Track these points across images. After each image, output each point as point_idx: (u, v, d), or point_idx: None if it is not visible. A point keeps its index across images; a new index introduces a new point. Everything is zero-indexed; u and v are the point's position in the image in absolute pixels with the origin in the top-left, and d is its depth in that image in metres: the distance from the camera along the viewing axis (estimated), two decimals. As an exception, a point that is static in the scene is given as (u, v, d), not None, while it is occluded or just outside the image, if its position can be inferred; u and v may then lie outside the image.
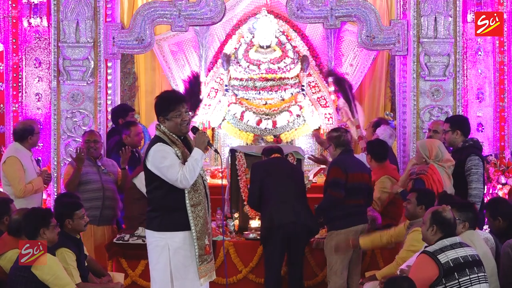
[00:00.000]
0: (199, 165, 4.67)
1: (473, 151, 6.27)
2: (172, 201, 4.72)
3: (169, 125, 4.78)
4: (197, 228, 4.70)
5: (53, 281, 4.66)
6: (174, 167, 4.65)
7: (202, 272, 4.73)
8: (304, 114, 9.03)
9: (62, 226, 5.17)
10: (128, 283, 6.35)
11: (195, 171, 4.65)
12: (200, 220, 4.72)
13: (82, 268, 5.28)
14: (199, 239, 4.70)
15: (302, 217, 6.09)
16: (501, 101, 8.66)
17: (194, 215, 4.71)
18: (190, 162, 4.65)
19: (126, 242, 6.44)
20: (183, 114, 4.78)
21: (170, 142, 4.73)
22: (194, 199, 4.72)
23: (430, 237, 4.52)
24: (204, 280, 4.74)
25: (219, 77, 9.25)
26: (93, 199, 6.60)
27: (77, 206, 5.39)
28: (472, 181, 6.12)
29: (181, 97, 4.95)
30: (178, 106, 4.78)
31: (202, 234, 4.72)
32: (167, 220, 4.75)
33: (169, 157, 4.67)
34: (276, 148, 6.72)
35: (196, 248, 4.69)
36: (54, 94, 7.40)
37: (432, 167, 6.02)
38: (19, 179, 6.56)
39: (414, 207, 5.52)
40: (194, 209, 4.71)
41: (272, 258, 6.14)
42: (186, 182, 4.64)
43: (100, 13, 7.35)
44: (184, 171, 4.63)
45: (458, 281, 4.30)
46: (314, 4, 7.39)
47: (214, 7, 7.40)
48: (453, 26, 7.33)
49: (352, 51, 9.30)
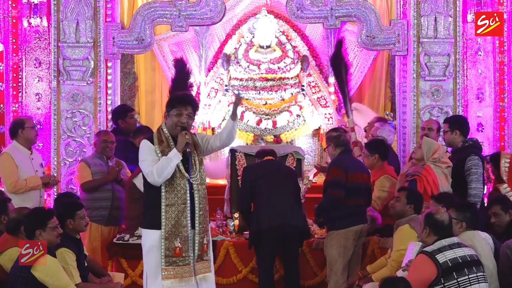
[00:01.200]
0: (170, 164, 4.69)
1: (473, 151, 6.26)
2: (150, 199, 4.81)
3: (168, 122, 4.85)
4: (166, 228, 4.73)
5: (52, 282, 4.66)
6: (146, 162, 4.75)
7: (169, 274, 4.72)
8: (304, 114, 9.03)
9: (63, 226, 5.15)
10: (128, 283, 6.35)
11: (164, 169, 4.68)
12: (171, 221, 4.73)
13: (82, 268, 5.28)
14: (167, 240, 4.72)
15: (291, 219, 6.04)
16: (501, 101, 8.65)
17: (167, 215, 4.73)
18: (162, 160, 4.71)
19: (126, 242, 6.45)
20: (182, 115, 4.80)
21: (157, 140, 4.80)
22: (169, 199, 4.75)
23: (425, 239, 4.54)
24: (171, 282, 4.71)
25: (219, 77, 9.25)
26: (103, 199, 6.63)
27: (78, 206, 5.39)
28: (471, 181, 6.11)
29: (188, 99, 4.93)
30: (180, 106, 4.81)
31: (171, 235, 4.72)
32: (146, 217, 4.86)
33: (146, 153, 4.78)
34: (269, 151, 6.70)
35: (162, 248, 4.72)
36: (54, 94, 7.41)
37: (427, 168, 6.02)
38: (10, 174, 6.51)
39: (403, 205, 5.53)
40: (168, 209, 4.74)
41: (263, 261, 6.14)
42: (153, 177, 4.70)
43: (100, 13, 7.36)
44: (154, 167, 4.70)
45: (457, 281, 4.31)
46: (314, 4, 7.39)
47: (214, 7, 7.41)
48: (453, 26, 7.33)
49: (352, 51, 9.29)
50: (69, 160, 7.33)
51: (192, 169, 4.80)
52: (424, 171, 6.02)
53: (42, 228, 4.84)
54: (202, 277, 4.84)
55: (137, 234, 6.50)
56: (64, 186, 7.31)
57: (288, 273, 6.20)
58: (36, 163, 6.75)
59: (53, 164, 7.41)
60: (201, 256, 4.83)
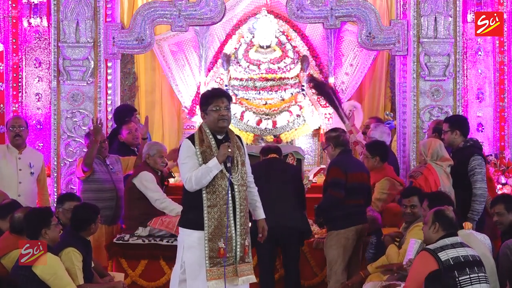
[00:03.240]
0: (210, 174, 4.66)
1: (475, 151, 6.27)
2: (191, 199, 4.77)
3: (208, 121, 4.81)
4: (209, 230, 4.69)
5: (53, 281, 4.67)
6: (186, 167, 4.73)
7: (213, 274, 4.68)
8: (304, 114, 9.02)
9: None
10: (128, 283, 6.35)
11: (203, 178, 4.66)
12: (214, 222, 4.69)
13: (88, 269, 5.26)
14: (210, 241, 4.68)
15: (288, 221, 6.03)
16: (501, 101, 8.65)
17: (210, 216, 4.70)
18: (202, 169, 4.68)
19: (126, 242, 6.45)
20: (221, 109, 4.75)
21: (198, 140, 4.76)
22: (211, 200, 4.71)
23: (433, 235, 4.53)
24: (216, 283, 4.68)
25: (219, 77, 9.25)
26: (107, 199, 6.64)
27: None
28: (476, 181, 6.10)
29: (221, 92, 4.92)
30: (217, 100, 4.76)
31: (215, 236, 4.68)
32: (186, 217, 4.84)
33: (186, 155, 4.75)
34: (274, 148, 6.68)
35: (206, 249, 4.68)
36: (54, 94, 7.41)
37: (429, 167, 6.03)
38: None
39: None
40: (210, 210, 4.70)
41: (263, 261, 6.14)
42: (190, 185, 4.69)
43: (100, 13, 7.35)
44: (192, 174, 4.68)
45: (458, 280, 4.30)
46: (314, 4, 7.39)
47: (214, 7, 7.40)
48: (453, 26, 7.33)
49: (352, 51, 9.29)
50: (69, 160, 7.32)
51: (234, 169, 4.76)
52: (425, 170, 6.03)
53: (47, 226, 4.85)
54: (246, 279, 4.82)
55: (137, 234, 6.51)
56: (64, 186, 7.30)
57: (289, 273, 6.20)
58: (24, 162, 6.75)
59: (53, 164, 7.40)
60: (243, 258, 4.80)
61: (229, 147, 4.70)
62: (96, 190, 6.59)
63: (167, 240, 6.41)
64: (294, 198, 6.22)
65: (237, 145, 4.86)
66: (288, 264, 6.19)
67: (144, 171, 6.55)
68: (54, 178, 7.34)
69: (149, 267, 6.50)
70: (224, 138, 4.81)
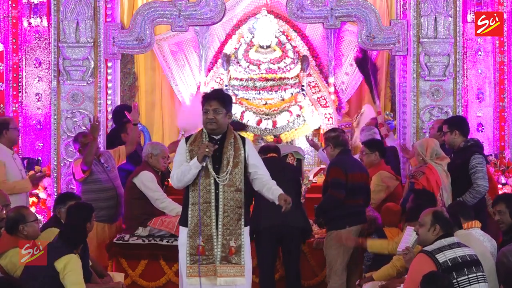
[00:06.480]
0: (190, 172, 4.75)
1: (477, 150, 6.28)
2: (184, 197, 4.92)
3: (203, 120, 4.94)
4: (190, 227, 4.80)
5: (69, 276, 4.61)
6: (175, 164, 4.90)
7: (193, 272, 4.74)
8: (304, 114, 9.02)
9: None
10: (128, 283, 6.35)
11: (184, 176, 4.77)
12: (194, 220, 4.77)
13: (86, 269, 5.25)
14: (191, 238, 4.78)
15: (290, 220, 5.97)
16: (501, 101, 8.66)
17: (192, 213, 4.80)
18: (183, 167, 4.79)
19: (126, 242, 6.45)
20: (209, 112, 4.82)
21: (192, 139, 4.90)
22: (193, 197, 4.81)
23: (431, 237, 4.53)
24: (195, 280, 4.72)
25: (219, 77, 9.25)
26: (108, 198, 6.65)
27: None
28: (477, 178, 6.09)
29: (211, 95, 4.95)
30: (206, 103, 4.85)
31: (194, 233, 4.76)
32: (181, 215, 4.98)
33: (178, 152, 4.92)
34: (273, 147, 6.68)
35: (187, 246, 4.78)
36: (54, 94, 7.41)
37: (430, 167, 6.04)
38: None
39: None
40: (193, 208, 4.80)
41: (262, 260, 6.13)
42: (173, 182, 4.86)
43: (100, 13, 7.36)
44: (176, 172, 4.82)
45: (457, 281, 4.30)
46: (314, 4, 7.39)
47: (214, 7, 7.41)
48: (453, 26, 7.33)
49: (352, 51, 9.29)
50: (69, 160, 7.31)
51: (222, 169, 4.80)
52: (427, 169, 6.04)
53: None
54: (231, 280, 4.80)
55: (137, 234, 6.51)
56: (64, 186, 7.30)
57: (289, 273, 6.19)
58: (19, 162, 6.75)
59: (53, 164, 7.40)
60: (227, 258, 4.78)
61: (208, 146, 4.74)
62: (96, 190, 6.59)
63: (167, 240, 6.42)
64: (294, 197, 6.21)
65: (236, 146, 4.88)
66: (289, 263, 6.19)
67: (144, 170, 6.55)
68: (54, 178, 7.34)
69: (149, 267, 6.50)
70: (221, 139, 4.85)
